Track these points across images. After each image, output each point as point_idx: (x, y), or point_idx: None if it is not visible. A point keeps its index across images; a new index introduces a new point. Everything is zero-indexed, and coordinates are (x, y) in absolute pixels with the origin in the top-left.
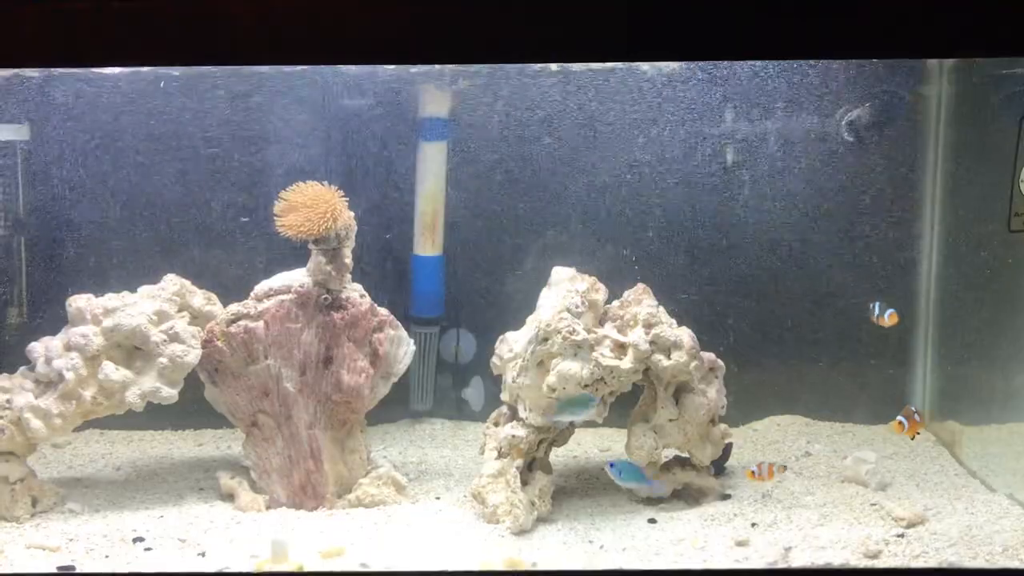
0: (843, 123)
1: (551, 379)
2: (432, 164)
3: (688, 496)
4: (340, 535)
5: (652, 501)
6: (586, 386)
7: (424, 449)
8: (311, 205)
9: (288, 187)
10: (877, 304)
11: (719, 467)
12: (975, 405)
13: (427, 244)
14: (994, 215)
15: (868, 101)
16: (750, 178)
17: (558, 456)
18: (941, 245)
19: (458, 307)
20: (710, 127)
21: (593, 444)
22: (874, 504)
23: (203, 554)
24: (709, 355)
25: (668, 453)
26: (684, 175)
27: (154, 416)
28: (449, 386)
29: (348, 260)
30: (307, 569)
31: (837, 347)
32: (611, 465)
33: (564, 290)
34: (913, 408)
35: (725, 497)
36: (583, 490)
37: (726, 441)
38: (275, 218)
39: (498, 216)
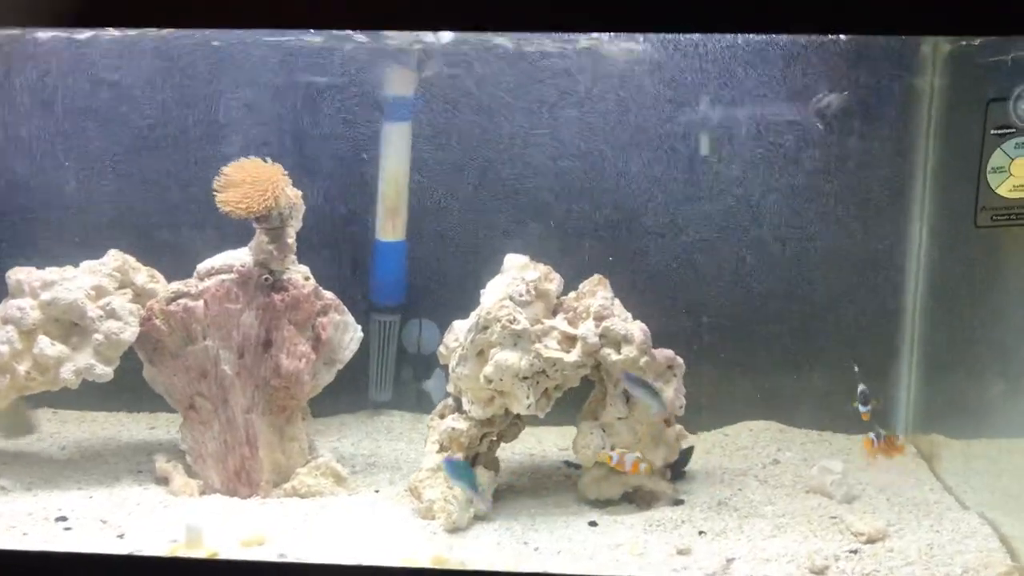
0: (813, 109)
1: (488, 369)
2: (396, 146)
3: (639, 500)
4: (266, 524)
5: (600, 503)
6: (525, 378)
7: (378, 441)
8: (251, 182)
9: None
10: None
11: (677, 471)
12: (959, 417)
13: (389, 229)
14: None
15: (845, 89)
16: (728, 173)
17: (514, 453)
18: (930, 247)
19: (421, 296)
20: (689, 115)
21: (553, 443)
22: (834, 517)
23: (121, 536)
24: (667, 352)
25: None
26: (661, 167)
27: (109, 397)
28: (410, 378)
29: (291, 240)
30: (221, 556)
31: (818, 352)
32: (447, 462)
33: (510, 277)
34: (881, 433)
35: (678, 503)
36: (532, 489)
37: (684, 444)
38: (214, 194)
39: (466, 201)
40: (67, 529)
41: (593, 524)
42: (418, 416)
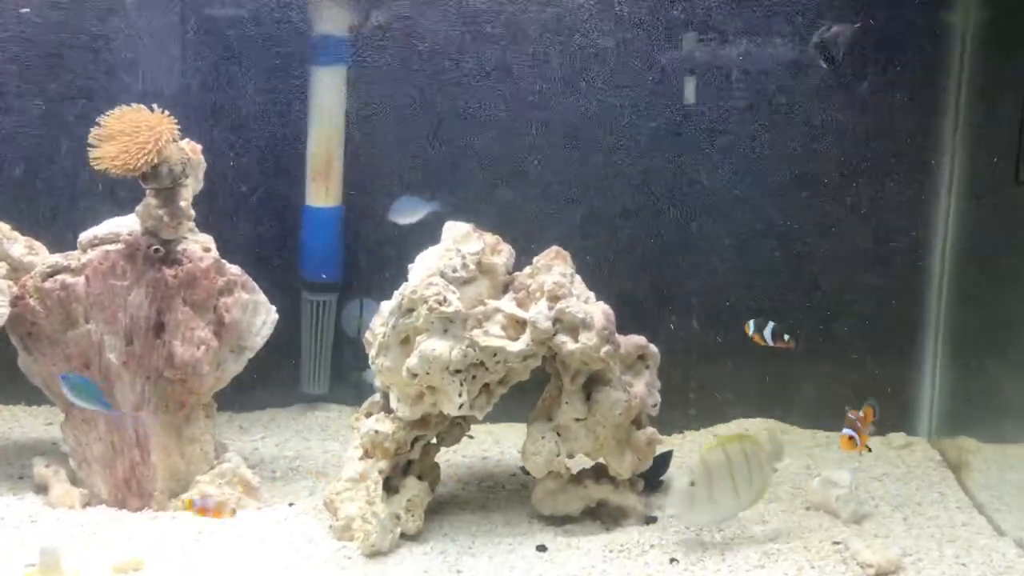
0: (814, 44)
1: (412, 361)
2: (327, 94)
3: (605, 516)
4: (150, 544)
5: (556, 520)
6: (457, 371)
7: (309, 441)
8: (131, 133)
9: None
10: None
11: (653, 481)
12: (993, 417)
13: (320, 193)
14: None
15: (857, 22)
16: (723, 127)
17: (464, 456)
18: (960, 215)
19: (363, 271)
20: (676, 60)
21: (514, 444)
22: (838, 543)
23: None
24: (638, 339)
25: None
26: (645, 121)
27: (7, 389)
28: (350, 367)
29: (186, 203)
30: None
31: (827, 339)
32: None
33: (443, 249)
34: (857, 412)
35: (650, 520)
36: (479, 502)
37: (658, 449)
38: (89, 148)
39: (411, 159)
40: None
41: (542, 548)
42: (357, 411)
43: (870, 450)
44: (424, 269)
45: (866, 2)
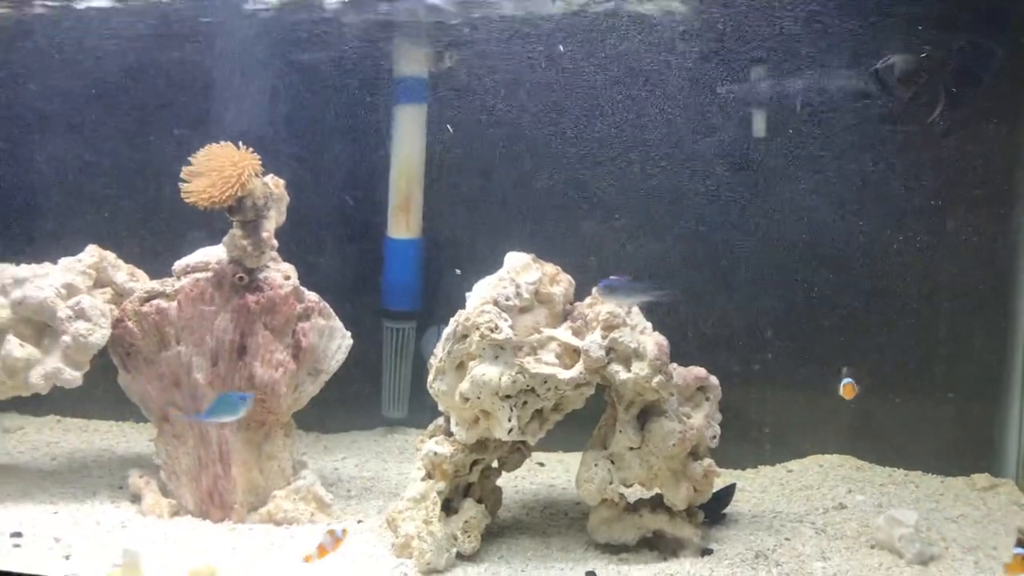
0: (872, 75)
1: (464, 386)
2: (408, 131)
3: (662, 546)
4: (226, 553)
5: (613, 549)
6: (507, 397)
7: (387, 463)
8: (218, 169)
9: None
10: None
11: (714, 514)
12: None
13: (402, 225)
14: None
15: (923, 51)
16: (796, 158)
17: (533, 484)
18: None
19: (441, 300)
20: (741, 87)
21: None
22: None
23: (68, 557)
24: (698, 371)
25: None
26: (714, 153)
27: (119, 405)
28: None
29: (268, 234)
30: None
31: (907, 373)
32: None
33: (498, 278)
34: None
35: (706, 552)
36: (539, 527)
37: (716, 481)
38: (180, 183)
39: (488, 193)
40: (16, 546)
41: (591, 575)
42: None
43: None
44: (479, 297)
45: (938, 27)
